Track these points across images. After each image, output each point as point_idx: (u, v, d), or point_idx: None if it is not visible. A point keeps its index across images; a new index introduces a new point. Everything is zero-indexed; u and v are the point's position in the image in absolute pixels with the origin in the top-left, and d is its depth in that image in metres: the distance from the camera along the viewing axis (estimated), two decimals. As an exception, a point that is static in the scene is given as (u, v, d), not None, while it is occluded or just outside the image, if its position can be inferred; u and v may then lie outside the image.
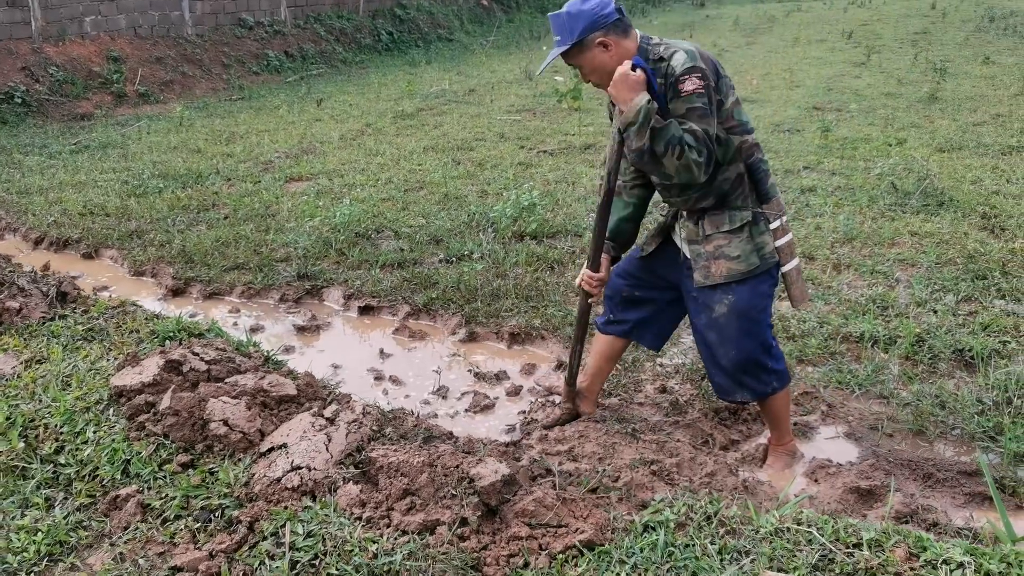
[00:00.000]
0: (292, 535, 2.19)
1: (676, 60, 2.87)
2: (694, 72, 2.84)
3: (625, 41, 2.95)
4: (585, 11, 2.90)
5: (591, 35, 2.91)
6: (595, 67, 2.98)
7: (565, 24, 2.92)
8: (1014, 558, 1.96)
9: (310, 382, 3.03)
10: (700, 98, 2.83)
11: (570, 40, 2.91)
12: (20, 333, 3.63)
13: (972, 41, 17.85)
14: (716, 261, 3.10)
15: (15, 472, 2.77)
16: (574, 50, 2.95)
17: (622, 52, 2.93)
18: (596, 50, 2.93)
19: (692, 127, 2.81)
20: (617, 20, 2.94)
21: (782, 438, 3.41)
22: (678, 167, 2.82)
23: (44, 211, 7.05)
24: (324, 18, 18.41)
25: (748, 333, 3.13)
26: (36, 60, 12.24)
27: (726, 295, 3.11)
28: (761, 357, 3.18)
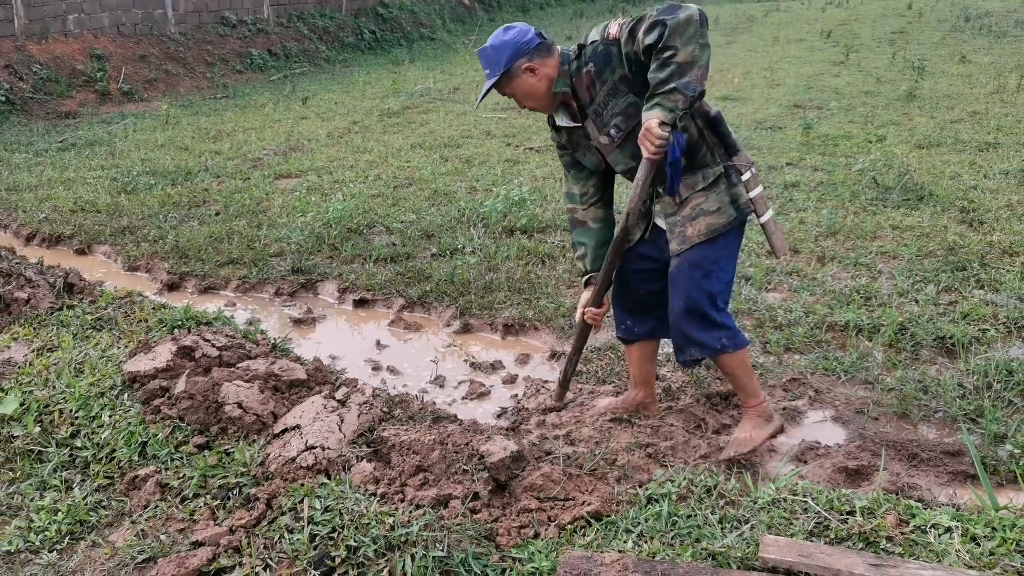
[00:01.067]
0: (310, 510, 2.27)
1: (592, 36, 2.98)
2: (610, 22, 2.94)
3: (550, 60, 3.02)
4: (508, 41, 2.98)
5: (516, 63, 2.98)
6: (527, 92, 3.05)
7: (491, 57, 3.00)
8: (998, 523, 2.08)
9: (319, 367, 3.11)
10: (629, 21, 2.85)
11: (498, 71, 2.98)
12: (29, 323, 3.69)
13: (948, 40, 18.11)
14: (693, 222, 3.09)
15: (32, 456, 2.84)
16: (504, 80, 3.02)
17: (548, 72, 3.01)
18: (524, 76, 3.00)
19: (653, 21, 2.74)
20: (539, 44, 3.01)
21: (750, 398, 3.40)
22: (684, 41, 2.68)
23: (35, 208, 7.07)
24: (307, 17, 18.42)
25: (696, 284, 3.11)
26: (19, 58, 12.20)
27: (687, 251, 3.11)
28: (706, 308, 3.14)
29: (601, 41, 2.94)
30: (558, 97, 3.09)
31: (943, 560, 1.93)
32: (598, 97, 3.03)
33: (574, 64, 3.03)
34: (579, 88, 3.05)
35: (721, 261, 3.15)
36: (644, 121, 2.76)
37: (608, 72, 2.96)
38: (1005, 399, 3.77)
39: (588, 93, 3.04)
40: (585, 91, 3.05)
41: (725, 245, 3.15)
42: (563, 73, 3.04)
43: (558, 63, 3.03)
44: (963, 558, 1.94)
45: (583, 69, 3.00)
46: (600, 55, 2.95)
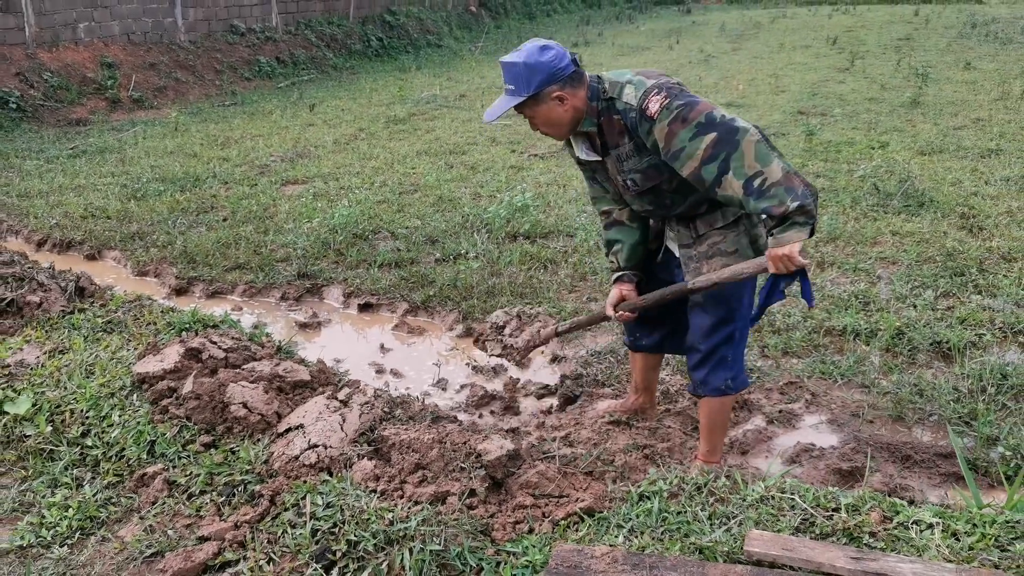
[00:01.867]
0: (312, 506, 2.35)
1: (627, 95, 2.78)
2: (650, 92, 2.72)
3: (580, 92, 2.83)
4: (543, 63, 2.75)
5: (548, 88, 2.77)
6: (549, 119, 2.86)
7: (521, 75, 2.76)
8: (979, 519, 2.14)
9: (322, 368, 3.19)
10: (670, 108, 2.66)
11: (525, 93, 2.76)
12: (41, 325, 3.78)
13: (954, 47, 18.16)
14: (709, 261, 2.99)
15: (43, 454, 2.92)
16: (529, 102, 2.80)
17: (576, 103, 2.83)
18: (552, 103, 2.80)
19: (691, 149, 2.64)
20: (573, 72, 2.81)
21: (713, 454, 3.29)
22: (781, 169, 2.59)
23: (46, 214, 7.17)
24: (315, 24, 18.56)
25: (715, 326, 3.05)
26: (30, 66, 12.34)
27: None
28: (725, 350, 3.08)
29: (637, 110, 2.74)
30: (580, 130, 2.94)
31: (923, 554, 1.99)
32: (624, 147, 2.88)
33: (602, 104, 2.85)
34: (607, 130, 2.89)
35: (743, 297, 3.07)
36: (781, 244, 2.57)
37: (639, 136, 2.81)
38: (999, 402, 3.83)
39: (617, 139, 2.88)
40: (614, 136, 2.88)
41: (744, 282, 3.03)
42: (591, 110, 2.86)
43: (586, 97, 2.84)
44: (943, 552, 2.00)
45: (613, 115, 2.84)
46: (630, 120, 2.78)
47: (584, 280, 5.44)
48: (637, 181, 2.91)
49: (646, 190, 2.93)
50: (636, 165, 2.88)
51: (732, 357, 3.11)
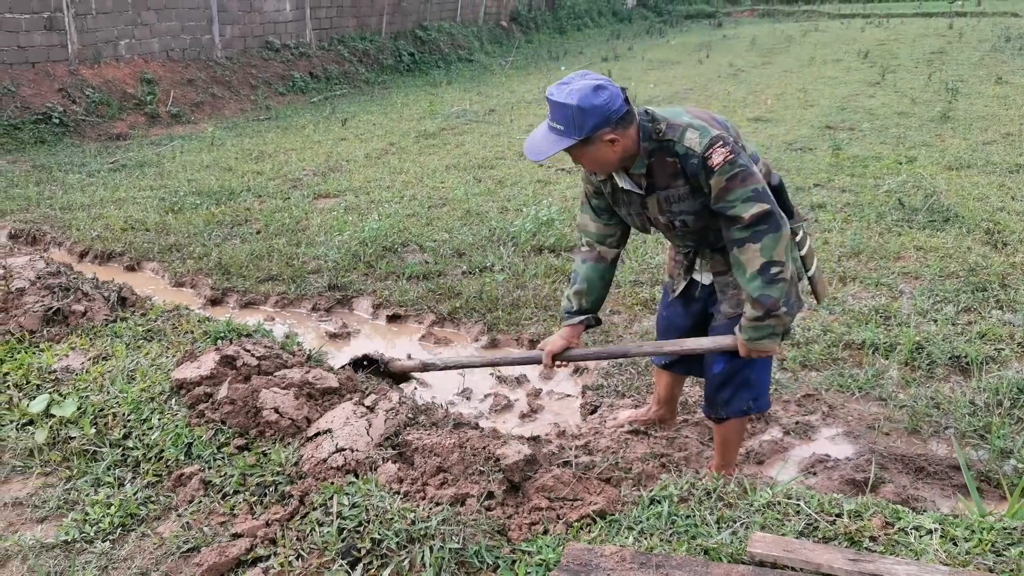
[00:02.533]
0: (339, 506, 2.48)
1: (689, 140, 2.72)
2: (716, 143, 2.69)
3: (629, 130, 2.74)
4: (598, 107, 2.63)
5: (600, 131, 2.67)
6: (597, 160, 2.79)
7: (573, 118, 2.64)
8: (978, 525, 2.22)
9: (350, 376, 3.33)
10: (733, 164, 2.68)
11: (577, 136, 2.66)
12: (86, 333, 3.97)
13: (987, 61, 18.05)
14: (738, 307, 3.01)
15: (87, 455, 3.09)
16: (579, 144, 2.70)
17: (627, 143, 2.75)
18: (602, 145, 2.71)
19: (738, 214, 2.70)
20: (625, 113, 2.71)
21: (727, 467, 3.33)
22: (784, 260, 2.71)
23: (87, 226, 7.40)
24: (347, 40, 18.87)
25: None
26: (72, 82, 12.70)
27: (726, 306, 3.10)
28: (745, 372, 3.11)
29: (699, 157, 2.69)
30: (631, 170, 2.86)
31: (921, 558, 2.07)
32: (677, 190, 2.82)
33: (653, 144, 2.78)
34: (657, 171, 2.82)
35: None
36: (758, 348, 2.77)
37: (695, 180, 2.77)
38: (1014, 416, 3.88)
39: (667, 180, 2.82)
40: (664, 178, 2.82)
41: None
42: (643, 151, 2.78)
43: (636, 136, 2.76)
44: (939, 556, 2.09)
45: (667, 157, 2.77)
46: (690, 165, 2.73)
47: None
48: (688, 223, 2.88)
49: (695, 231, 2.94)
50: (689, 207, 2.84)
51: (755, 379, 3.15)
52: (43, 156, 10.70)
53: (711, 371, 3.18)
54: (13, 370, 3.62)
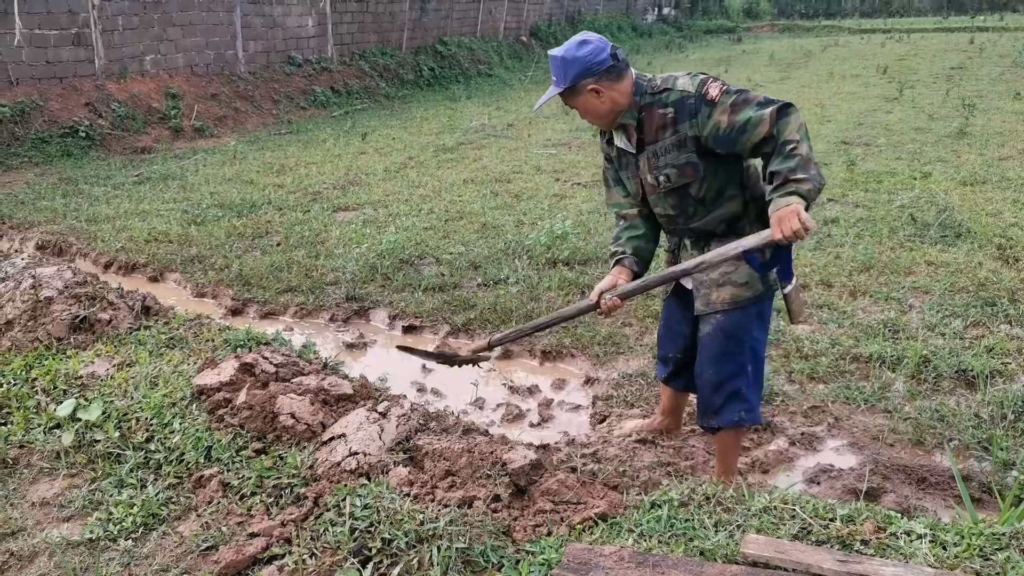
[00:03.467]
0: (351, 507, 2.58)
1: (682, 84, 2.93)
2: (708, 79, 2.90)
3: (618, 86, 2.97)
4: (579, 57, 2.91)
5: (583, 81, 2.93)
6: (588, 110, 3.03)
7: (559, 68, 2.95)
8: (967, 531, 2.29)
9: (364, 384, 3.44)
10: (730, 92, 2.83)
11: (563, 85, 2.95)
12: (111, 341, 4.10)
13: (1007, 76, 18.03)
14: (719, 289, 3.12)
15: (111, 457, 3.21)
16: (567, 93, 2.98)
17: (614, 97, 2.98)
18: (588, 95, 2.96)
19: (743, 127, 2.80)
20: (610, 67, 2.94)
21: (729, 474, 3.40)
22: (803, 139, 2.75)
23: (112, 238, 7.57)
24: (368, 55, 19.11)
25: (729, 355, 3.17)
26: (99, 96, 12.96)
27: (716, 315, 3.16)
28: (738, 381, 3.18)
29: (694, 95, 2.89)
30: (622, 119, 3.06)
31: (910, 561, 2.15)
32: (663, 141, 3.00)
33: (647, 99, 2.99)
34: (647, 124, 3.02)
35: (753, 331, 3.19)
36: (780, 207, 2.70)
37: (686, 126, 2.93)
38: (1018, 429, 3.93)
39: (655, 134, 3.01)
40: (653, 131, 3.01)
41: (759, 314, 3.19)
42: (633, 104, 3.00)
43: (630, 91, 3.00)
44: (928, 560, 2.16)
45: (658, 109, 2.97)
46: (687, 107, 2.91)
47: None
48: (671, 177, 3.03)
49: (674, 189, 3.06)
50: (674, 160, 3.00)
51: (745, 390, 3.22)
52: (69, 169, 10.92)
53: (702, 377, 3.27)
54: (41, 376, 3.76)
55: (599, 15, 33.24)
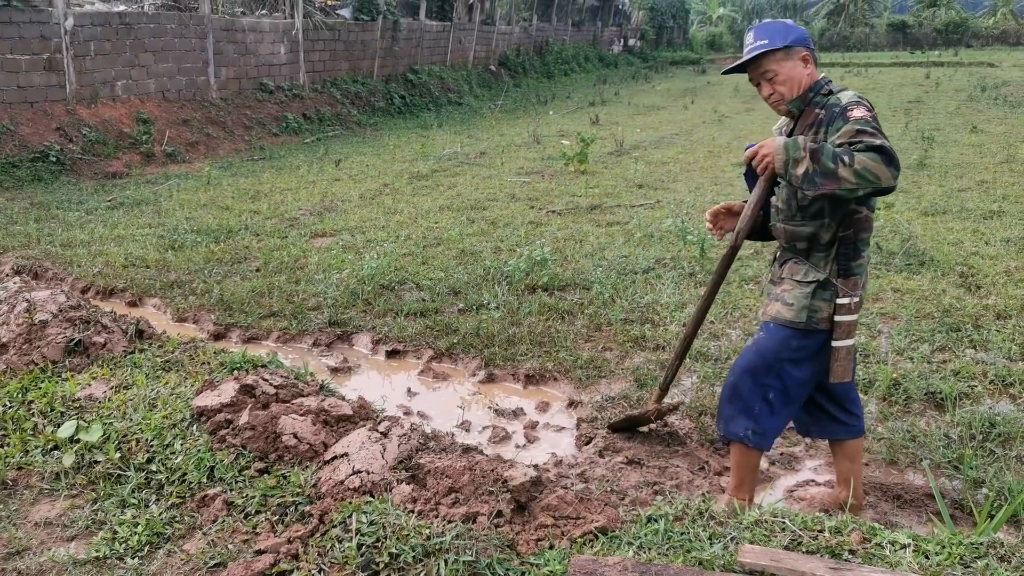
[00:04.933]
0: (357, 523, 2.66)
1: (844, 95, 3.07)
2: (862, 104, 3.00)
3: (812, 69, 3.19)
4: (800, 29, 3.19)
5: (800, 47, 3.14)
6: (789, 75, 3.13)
7: (777, 30, 3.14)
8: (948, 541, 2.43)
9: (363, 405, 3.52)
10: (868, 123, 2.89)
11: (781, 43, 3.10)
12: (106, 364, 4.14)
13: (963, 110, 18.61)
14: (773, 302, 3.28)
15: (112, 478, 3.25)
16: (779, 54, 3.11)
17: (814, 75, 3.18)
18: (797, 61, 3.14)
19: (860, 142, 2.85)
20: (814, 51, 3.22)
21: (740, 490, 3.45)
22: (857, 172, 2.79)
23: (88, 263, 7.57)
24: (340, 82, 19.24)
25: (753, 370, 3.27)
26: (70, 121, 12.92)
27: (763, 330, 3.31)
28: (752, 397, 3.27)
29: (842, 107, 3.01)
30: (789, 105, 3.19)
31: (896, 569, 2.27)
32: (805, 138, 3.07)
33: (816, 97, 3.15)
34: (803, 118, 3.17)
35: (786, 363, 3.23)
36: (781, 143, 2.92)
37: (824, 132, 3.05)
38: (986, 448, 4.11)
39: (804, 129, 3.14)
40: (804, 125, 3.15)
41: (799, 348, 3.21)
42: (805, 96, 3.16)
43: (812, 82, 3.17)
44: (912, 568, 2.29)
45: (816, 109, 3.12)
46: (832, 115, 3.03)
47: (599, 331, 5.75)
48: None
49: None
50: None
51: (759, 411, 3.29)
52: (40, 194, 10.87)
53: (725, 382, 3.43)
54: (38, 398, 3.79)
55: (566, 45, 33.73)
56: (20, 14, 12.26)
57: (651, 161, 13.08)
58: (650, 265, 7.17)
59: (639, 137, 15.88)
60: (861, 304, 3.26)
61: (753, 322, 5.74)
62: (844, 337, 3.17)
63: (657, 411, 4.19)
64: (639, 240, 8.01)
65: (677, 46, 45.16)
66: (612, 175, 11.88)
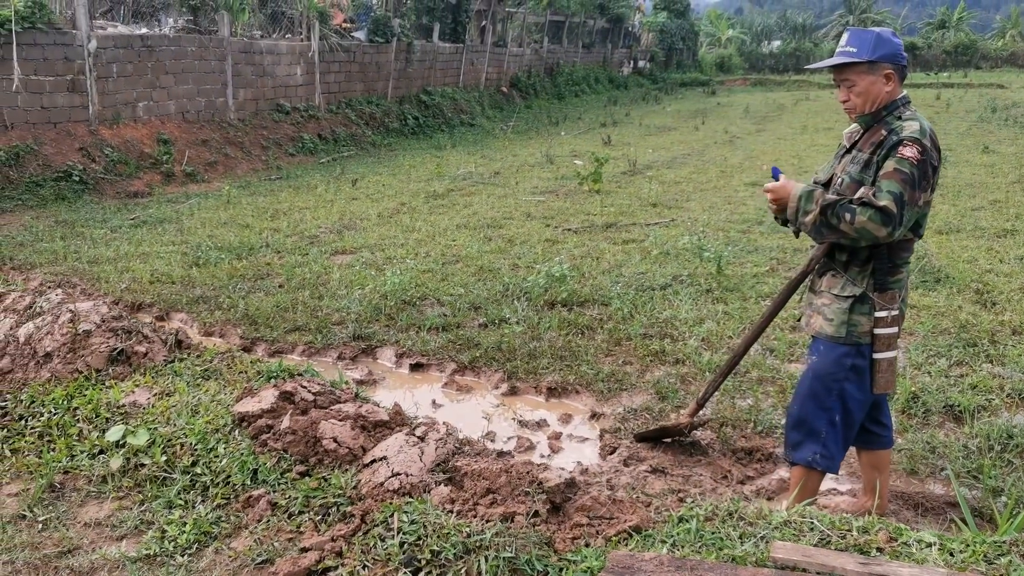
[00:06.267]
0: (399, 522, 2.76)
1: (909, 127, 3.08)
2: (918, 143, 3.03)
3: (896, 87, 3.18)
4: (893, 43, 3.14)
5: (885, 63, 3.12)
6: (867, 90, 3.16)
7: (870, 42, 3.12)
8: (972, 539, 2.52)
9: (398, 411, 3.63)
10: (912, 166, 2.98)
11: (867, 56, 3.11)
12: (148, 372, 4.26)
13: (974, 131, 18.70)
14: (815, 314, 3.38)
15: (158, 481, 3.37)
16: (863, 66, 3.13)
17: (893, 94, 3.17)
18: (879, 77, 3.13)
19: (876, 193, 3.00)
20: (903, 68, 3.19)
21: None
22: (855, 229, 3.01)
23: (116, 279, 7.71)
24: (355, 103, 19.48)
25: (814, 395, 3.35)
26: (92, 141, 13.13)
27: (813, 353, 3.40)
28: (816, 424, 3.35)
29: (899, 139, 3.06)
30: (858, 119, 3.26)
31: (923, 565, 2.36)
32: (864, 153, 3.19)
33: (884, 115, 3.18)
34: (867, 134, 3.22)
35: (845, 382, 3.32)
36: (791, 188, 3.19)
37: (878, 154, 3.12)
38: (1005, 459, 4.18)
39: (865, 144, 3.21)
40: (867, 142, 3.21)
41: (853, 367, 3.30)
42: (878, 113, 3.19)
43: (891, 100, 3.18)
44: (938, 564, 2.38)
45: (884, 129, 3.15)
46: (890, 141, 3.09)
47: (619, 345, 5.85)
48: (844, 182, 3.23)
49: (840, 193, 3.21)
50: (853, 172, 3.20)
51: (826, 434, 3.37)
52: (64, 212, 11.04)
53: (789, 411, 3.52)
54: (82, 405, 3.92)
55: (577, 67, 34.02)
56: (44, 36, 12.50)
57: (664, 181, 13.21)
58: (667, 282, 7.27)
59: (651, 157, 16.02)
60: (902, 317, 3.39)
61: (774, 339, 5.83)
62: (885, 349, 3.28)
63: (690, 424, 4.32)
64: (656, 257, 8.12)
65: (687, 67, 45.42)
66: (626, 194, 12.01)
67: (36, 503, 3.33)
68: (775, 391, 5.04)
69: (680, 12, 45.41)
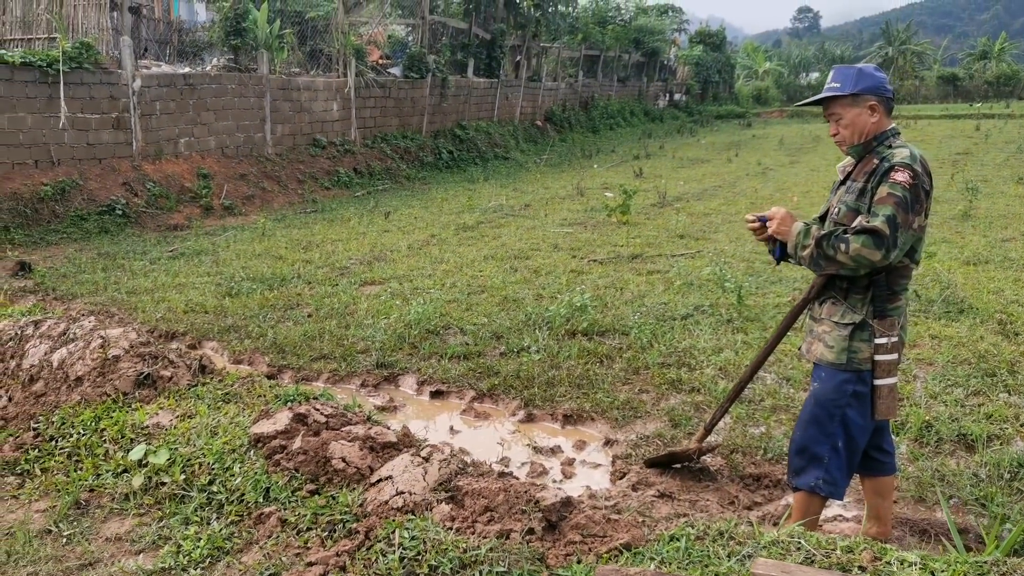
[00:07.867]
0: (400, 538, 2.88)
1: (900, 153, 3.19)
2: (909, 168, 3.12)
3: (882, 119, 3.29)
4: (875, 76, 3.27)
5: (868, 95, 3.24)
6: (853, 121, 3.29)
7: (852, 77, 3.26)
8: (953, 559, 2.57)
9: (406, 433, 3.76)
10: (904, 190, 3.08)
11: (850, 89, 3.25)
12: (172, 395, 4.45)
13: (1012, 162, 18.54)
14: (815, 342, 3.45)
15: (176, 498, 3.52)
16: (847, 99, 3.27)
17: (880, 125, 3.28)
18: (864, 109, 3.26)
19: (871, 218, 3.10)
20: (888, 99, 3.30)
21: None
22: (851, 257, 3.12)
23: (152, 308, 7.97)
24: (390, 138, 19.85)
25: (817, 421, 3.41)
26: (135, 176, 13.57)
27: (816, 380, 3.46)
28: (819, 450, 3.40)
29: (891, 165, 3.15)
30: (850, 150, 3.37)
31: (902, 583, 2.42)
32: (858, 182, 3.28)
33: (874, 145, 3.29)
34: (860, 165, 3.33)
35: (848, 409, 3.37)
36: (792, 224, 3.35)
37: (872, 181, 3.21)
38: (1013, 487, 4.19)
39: (858, 175, 3.31)
40: (860, 172, 3.31)
41: (855, 394, 3.35)
42: (869, 144, 3.30)
43: (880, 131, 3.29)
44: (918, 582, 2.43)
45: (876, 158, 3.25)
46: (882, 169, 3.19)
47: (637, 374, 5.93)
48: (840, 211, 3.34)
49: (836, 223, 3.34)
50: (849, 200, 3.30)
51: (828, 460, 3.42)
52: (107, 245, 11.41)
53: (792, 437, 3.58)
54: (109, 426, 4.10)
55: (612, 100, 34.28)
56: (91, 75, 13.00)
57: (693, 212, 13.29)
58: (688, 312, 7.34)
59: (682, 189, 16.11)
60: (902, 344, 3.44)
61: (786, 366, 5.88)
62: (885, 376, 3.34)
63: (699, 450, 4.39)
64: (678, 288, 8.20)
65: (723, 100, 45.56)
66: (654, 226, 12.11)
67: (62, 519, 3.50)
68: (788, 419, 5.08)
69: (716, 45, 45.64)
